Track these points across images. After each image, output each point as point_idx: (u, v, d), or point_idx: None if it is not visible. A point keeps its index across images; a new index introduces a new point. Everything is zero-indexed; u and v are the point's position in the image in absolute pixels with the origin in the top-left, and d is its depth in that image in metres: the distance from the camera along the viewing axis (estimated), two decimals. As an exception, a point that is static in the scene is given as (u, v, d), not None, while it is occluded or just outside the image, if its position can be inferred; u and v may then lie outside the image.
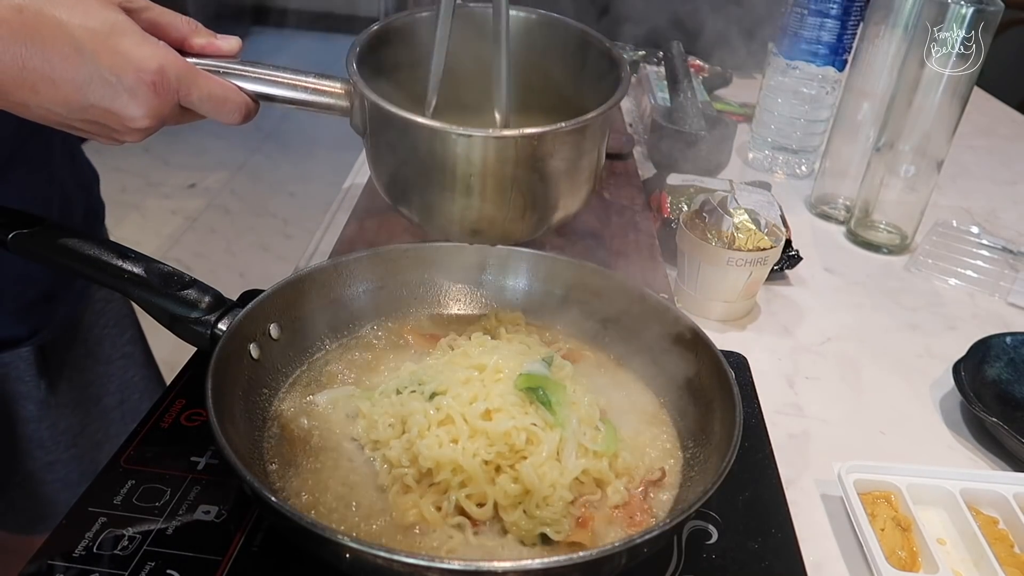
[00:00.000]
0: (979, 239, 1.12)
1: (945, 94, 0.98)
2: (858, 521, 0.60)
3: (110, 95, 0.53)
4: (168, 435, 0.62)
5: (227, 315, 0.60)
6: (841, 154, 1.15)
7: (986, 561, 0.58)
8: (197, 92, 0.58)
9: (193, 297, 0.60)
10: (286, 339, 0.65)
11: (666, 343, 0.67)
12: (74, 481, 0.90)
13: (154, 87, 0.54)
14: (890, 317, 0.94)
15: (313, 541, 0.46)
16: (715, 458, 0.55)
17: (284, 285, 0.65)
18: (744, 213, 0.84)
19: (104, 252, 0.62)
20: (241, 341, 0.60)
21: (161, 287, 0.60)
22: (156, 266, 0.62)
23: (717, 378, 0.60)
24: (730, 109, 1.49)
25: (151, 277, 0.61)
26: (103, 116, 0.54)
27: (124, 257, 0.62)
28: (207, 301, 0.61)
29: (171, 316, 0.60)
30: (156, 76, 0.54)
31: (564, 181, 0.71)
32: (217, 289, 0.62)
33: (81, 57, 0.51)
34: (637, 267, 0.90)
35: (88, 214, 0.91)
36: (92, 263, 0.61)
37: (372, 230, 0.94)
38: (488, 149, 0.66)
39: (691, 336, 0.65)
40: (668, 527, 0.47)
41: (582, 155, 0.70)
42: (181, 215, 3.28)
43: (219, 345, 0.56)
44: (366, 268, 0.71)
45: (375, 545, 0.45)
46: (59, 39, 0.51)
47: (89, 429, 0.91)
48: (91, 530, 0.53)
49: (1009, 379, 0.79)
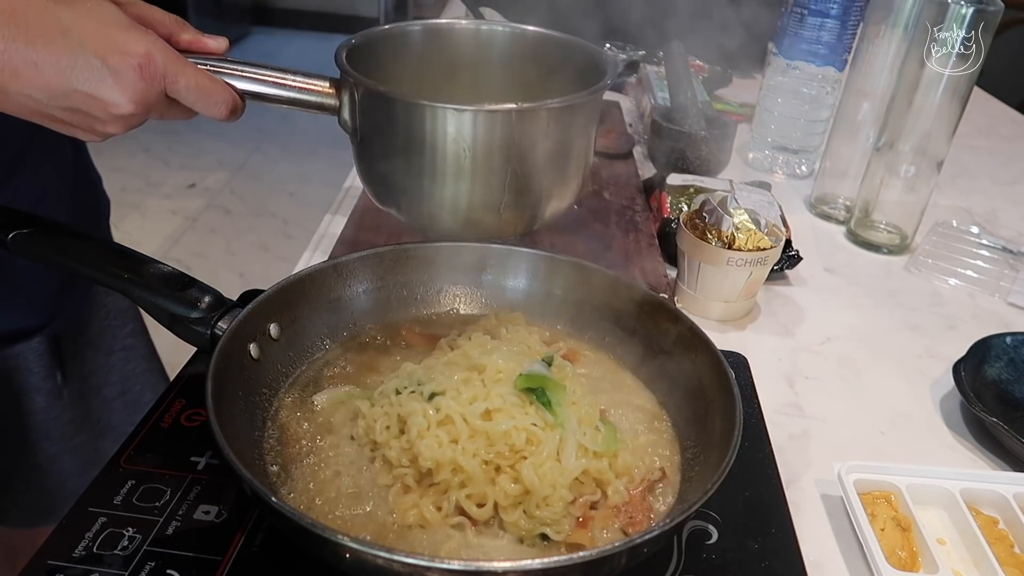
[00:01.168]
0: (979, 239, 1.12)
1: (945, 94, 0.98)
2: (858, 521, 0.60)
3: (95, 78, 0.52)
4: (168, 435, 0.62)
5: (227, 315, 0.60)
6: (841, 154, 1.15)
7: (986, 561, 0.58)
8: (184, 80, 0.57)
9: (193, 297, 0.60)
10: (286, 339, 0.65)
11: (666, 343, 0.67)
12: (76, 472, 0.90)
13: (140, 70, 0.53)
14: (890, 317, 0.94)
15: (313, 542, 0.46)
16: (715, 458, 0.55)
17: (284, 286, 0.65)
18: (744, 213, 0.84)
19: (104, 252, 0.62)
20: (241, 341, 0.60)
21: (161, 287, 0.60)
22: (156, 266, 0.61)
23: (717, 378, 0.60)
24: (730, 109, 1.49)
25: (151, 277, 0.60)
26: (85, 102, 0.53)
27: (124, 257, 0.62)
28: (207, 301, 0.60)
29: (171, 316, 0.60)
30: (143, 59, 0.53)
31: (555, 166, 0.72)
32: (217, 289, 0.62)
33: (67, 40, 0.50)
34: (637, 267, 0.91)
35: (95, 211, 0.91)
36: (92, 263, 0.61)
37: (372, 230, 0.94)
38: (480, 124, 0.66)
39: (691, 336, 0.65)
40: (668, 527, 0.47)
41: (572, 139, 0.72)
42: (181, 215, 3.28)
43: (219, 345, 0.56)
44: (366, 268, 0.71)
45: (375, 545, 0.45)
46: (44, 22, 0.50)
47: (90, 420, 0.92)
48: (91, 530, 0.53)
49: (1009, 379, 0.79)
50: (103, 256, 0.61)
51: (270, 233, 3.23)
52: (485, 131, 0.67)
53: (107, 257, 0.61)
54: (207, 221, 3.26)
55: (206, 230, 3.20)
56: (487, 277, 0.75)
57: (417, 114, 0.67)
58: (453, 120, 0.66)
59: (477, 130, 0.67)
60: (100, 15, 0.53)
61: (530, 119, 0.67)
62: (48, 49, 0.50)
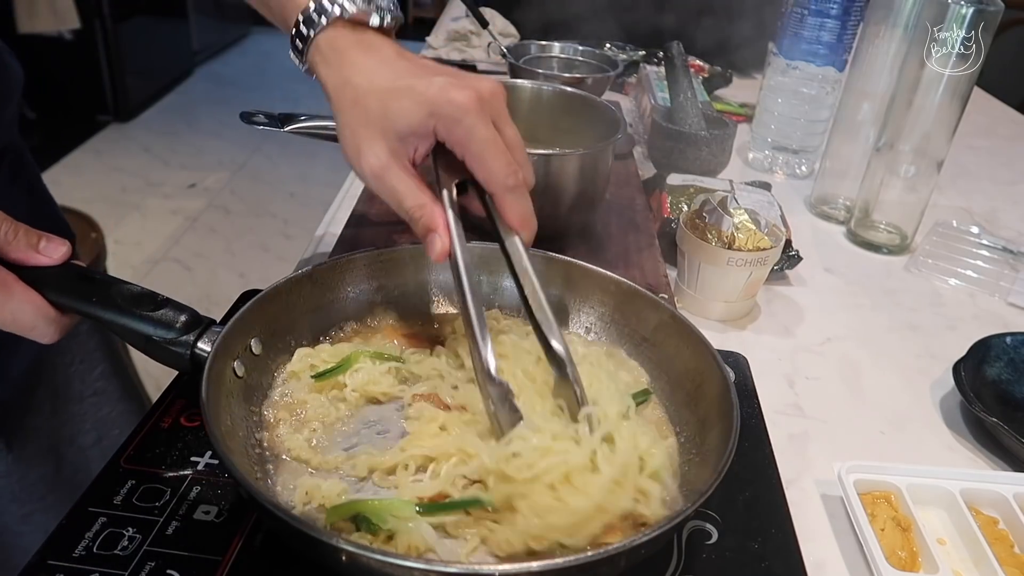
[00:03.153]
0: (979, 239, 1.12)
1: (945, 94, 0.98)
2: (858, 521, 0.60)
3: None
4: (168, 435, 0.62)
5: (206, 334, 0.57)
6: (841, 154, 1.15)
7: (986, 561, 0.58)
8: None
9: (168, 317, 0.57)
10: (267, 353, 0.63)
11: (663, 343, 0.67)
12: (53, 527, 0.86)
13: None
14: (890, 317, 0.94)
15: (311, 545, 0.46)
16: (714, 458, 0.55)
17: (261, 300, 0.63)
18: (744, 213, 0.84)
19: (67, 276, 0.57)
20: (225, 361, 0.57)
21: (133, 309, 0.56)
22: (125, 287, 0.58)
23: (714, 378, 0.60)
24: (730, 109, 1.49)
25: (121, 299, 0.57)
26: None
27: (88, 281, 0.57)
28: (183, 320, 0.57)
29: (146, 338, 0.56)
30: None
31: (578, 192, 0.89)
32: (193, 308, 0.59)
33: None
34: (637, 267, 0.91)
35: None
36: (55, 288, 0.56)
37: (372, 230, 0.94)
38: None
39: (688, 336, 0.64)
40: (667, 528, 0.47)
41: (594, 174, 0.91)
42: (181, 215, 3.28)
43: (208, 366, 0.54)
44: (342, 274, 0.70)
45: (372, 548, 0.45)
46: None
47: (65, 472, 0.87)
48: (91, 530, 0.53)
49: (1009, 379, 0.79)
50: (66, 280, 0.57)
51: (270, 233, 3.23)
52: (535, 167, 0.80)
53: (71, 280, 0.57)
54: (207, 221, 3.27)
55: (206, 230, 3.20)
56: (482, 277, 0.74)
57: None
58: None
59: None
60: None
61: (561, 160, 0.86)
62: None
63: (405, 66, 0.59)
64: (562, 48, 1.34)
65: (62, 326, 0.57)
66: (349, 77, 0.59)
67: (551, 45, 1.34)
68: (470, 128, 0.56)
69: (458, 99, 0.56)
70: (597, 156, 0.89)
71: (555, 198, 0.88)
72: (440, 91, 0.56)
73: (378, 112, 0.57)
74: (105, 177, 3.54)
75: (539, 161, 0.85)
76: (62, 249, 0.57)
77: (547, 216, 0.84)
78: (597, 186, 0.92)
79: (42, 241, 0.57)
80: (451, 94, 0.56)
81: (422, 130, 0.57)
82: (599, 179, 0.92)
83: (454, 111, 0.56)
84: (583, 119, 0.97)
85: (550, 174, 0.86)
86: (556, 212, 0.89)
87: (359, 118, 0.58)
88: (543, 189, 0.86)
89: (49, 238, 0.57)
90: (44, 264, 0.56)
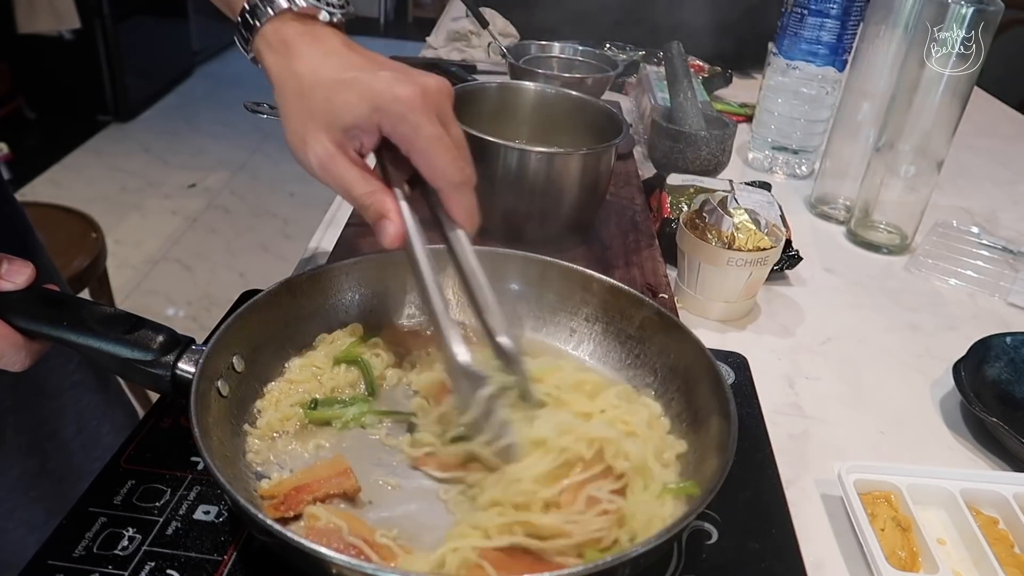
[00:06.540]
0: (979, 239, 1.12)
1: (945, 94, 0.98)
2: (858, 521, 0.60)
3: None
4: (168, 435, 0.62)
5: (186, 354, 0.55)
6: (841, 154, 1.15)
7: (986, 561, 0.58)
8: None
9: (146, 338, 0.54)
10: (249, 369, 0.62)
11: (661, 342, 0.67)
12: (39, 522, 0.84)
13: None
14: (890, 317, 0.94)
15: (302, 559, 0.45)
16: (712, 462, 0.55)
17: (239, 316, 0.61)
18: (744, 213, 0.84)
19: (33, 300, 0.54)
20: (209, 381, 0.56)
21: (106, 331, 0.54)
22: (97, 309, 0.55)
23: (710, 379, 0.60)
24: (730, 109, 1.49)
25: (93, 322, 0.54)
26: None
27: (57, 304, 0.55)
28: (160, 341, 0.54)
29: (122, 362, 0.54)
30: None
31: (581, 190, 0.90)
32: (172, 328, 0.57)
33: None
34: (637, 267, 0.91)
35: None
36: (21, 313, 0.54)
37: (372, 230, 0.93)
38: (534, 160, 0.86)
39: (683, 336, 0.64)
40: (665, 538, 0.46)
41: (597, 174, 0.92)
42: (181, 215, 3.28)
43: (194, 388, 0.53)
44: (318, 284, 0.69)
45: (364, 564, 0.44)
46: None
47: (49, 467, 0.85)
48: (91, 530, 0.53)
49: (1009, 379, 0.79)
50: (34, 304, 0.54)
51: (270, 233, 3.23)
52: (539, 165, 0.87)
53: (37, 307, 0.54)
54: (207, 221, 3.26)
55: (206, 230, 3.20)
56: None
57: (492, 150, 0.85)
58: (514, 156, 0.86)
59: (533, 164, 0.86)
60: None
61: (564, 158, 0.88)
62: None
63: (352, 58, 0.58)
64: (562, 48, 1.34)
65: (32, 352, 0.54)
66: (294, 67, 0.58)
67: (551, 45, 1.35)
68: (416, 125, 0.55)
69: (403, 94, 0.55)
70: (599, 156, 0.89)
71: (557, 197, 0.88)
72: (386, 86, 0.55)
73: (322, 104, 0.56)
74: (105, 177, 3.54)
75: (542, 159, 0.86)
76: (26, 272, 0.55)
77: (548, 215, 0.89)
78: (599, 186, 0.93)
79: (3, 264, 0.54)
80: (396, 89, 0.55)
81: (366, 124, 0.56)
82: (601, 179, 0.92)
83: (399, 107, 0.55)
84: (586, 121, 0.97)
85: (553, 172, 0.87)
86: (557, 211, 0.89)
87: (304, 109, 0.57)
88: (545, 188, 0.87)
89: (11, 260, 0.54)
90: (7, 290, 0.54)
